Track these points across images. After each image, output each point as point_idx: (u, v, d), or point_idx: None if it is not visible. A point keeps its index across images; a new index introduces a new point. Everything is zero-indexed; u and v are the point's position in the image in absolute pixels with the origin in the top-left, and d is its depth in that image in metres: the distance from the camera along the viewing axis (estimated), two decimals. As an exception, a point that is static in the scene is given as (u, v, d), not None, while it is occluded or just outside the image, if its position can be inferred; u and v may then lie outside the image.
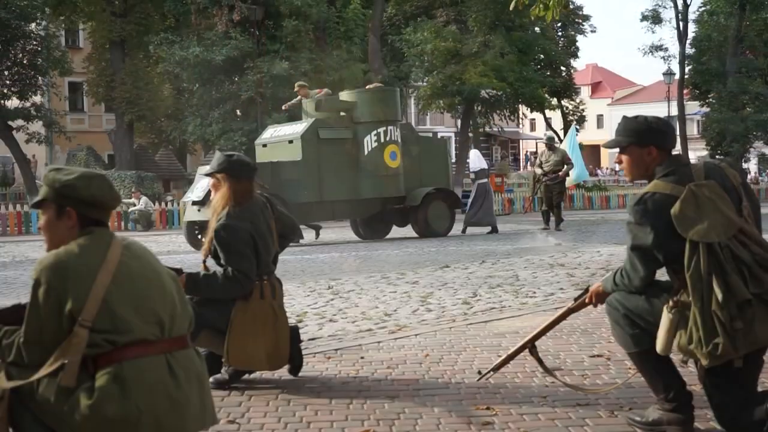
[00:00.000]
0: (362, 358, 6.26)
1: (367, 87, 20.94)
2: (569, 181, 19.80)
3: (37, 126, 38.82)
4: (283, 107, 21.91)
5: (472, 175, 22.03)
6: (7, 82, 37.89)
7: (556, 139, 22.77)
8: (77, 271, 3.32)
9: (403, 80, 41.45)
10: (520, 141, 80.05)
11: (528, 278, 11.02)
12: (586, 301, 4.51)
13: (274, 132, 20.13)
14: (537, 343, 4.88)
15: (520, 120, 58.40)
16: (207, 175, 5.62)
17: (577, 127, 55.08)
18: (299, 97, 20.17)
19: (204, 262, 5.52)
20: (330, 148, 18.66)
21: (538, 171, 20.51)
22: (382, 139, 19.16)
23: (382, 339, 7.02)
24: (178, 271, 4.92)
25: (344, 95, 20.12)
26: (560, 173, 19.87)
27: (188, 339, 3.57)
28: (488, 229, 20.84)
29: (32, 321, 3.32)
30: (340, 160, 18.82)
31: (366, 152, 19.09)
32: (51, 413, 3.27)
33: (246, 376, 5.56)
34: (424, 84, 42.28)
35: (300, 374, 5.70)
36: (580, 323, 7.12)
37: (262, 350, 5.30)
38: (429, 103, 41.45)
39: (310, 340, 7.13)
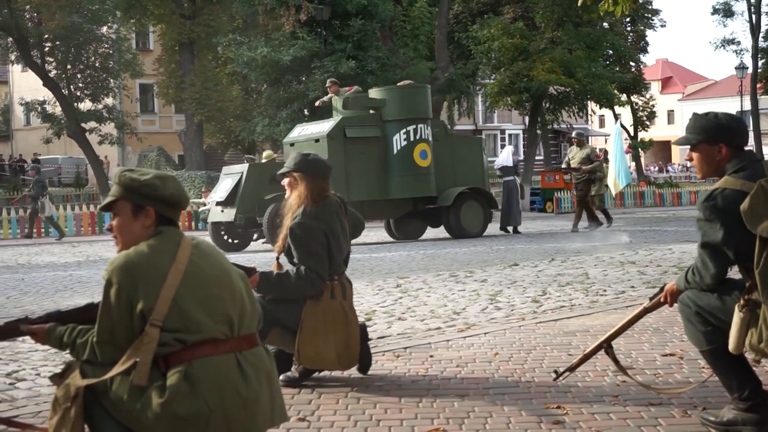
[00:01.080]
0: (431, 356, 6.25)
1: (397, 84, 20.50)
2: (615, 188, 19.46)
3: (109, 128, 39.58)
4: (317, 104, 21.51)
5: (498, 173, 21.72)
6: (80, 84, 38.70)
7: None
8: (147, 271, 3.36)
9: (470, 78, 41.26)
10: (590, 137, 79.24)
11: (598, 276, 10.92)
12: (661, 300, 4.45)
13: (302, 131, 19.81)
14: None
15: (589, 116, 57.75)
16: (282, 173, 5.63)
17: (648, 123, 54.52)
18: (330, 94, 19.79)
19: (277, 259, 5.54)
20: (357, 147, 18.30)
21: (563, 168, 20.43)
22: (412, 138, 18.70)
23: (451, 337, 7.00)
24: (251, 270, 4.95)
25: (374, 92, 19.67)
26: (583, 168, 19.42)
27: (257, 337, 3.60)
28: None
29: (104, 320, 3.38)
30: (367, 159, 18.48)
31: (395, 151, 18.68)
32: (124, 411, 3.31)
33: (316, 374, 5.58)
34: (492, 81, 42.07)
35: (369, 372, 5.70)
36: (652, 321, 7.03)
37: (333, 350, 5.31)
38: (496, 101, 41.23)
39: (379, 338, 7.14)
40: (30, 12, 37.27)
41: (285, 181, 5.61)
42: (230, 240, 18.16)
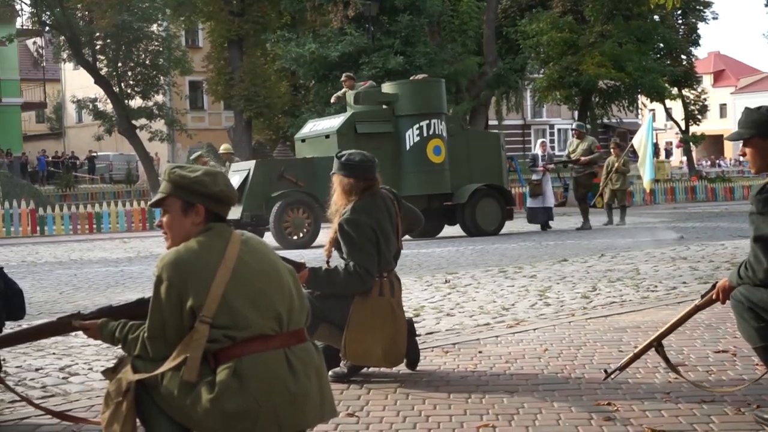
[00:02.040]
0: (480, 352, 6.23)
1: (411, 78, 19.99)
2: (647, 184, 19.16)
3: (159, 124, 39.94)
4: (332, 99, 20.92)
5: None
6: (131, 82, 39.13)
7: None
8: (197, 268, 3.39)
9: (519, 72, 41.10)
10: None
11: (649, 272, 10.80)
12: (713, 297, 4.40)
13: (313, 126, 19.43)
14: (661, 339, 4.78)
15: (640, 110, 57.24)
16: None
17: (699, 117, 53.89)
18: (344, 89, 19.29)
19: (327, 263, 5.53)
20: (368, 143, 17.32)
21: (563, 161, 20.22)
22: (425, 133, 18.24)
23: (500, 333, 6.97)
24: (301, 266, 4.97)
25: (386, 87, 19.17)
26: (581, 159, 19.11)
27: (306, 333, 3.61)
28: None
29: (155, 316, 3.41)
30: (379, 156, 17.70)
31: (408, 147, 18.27)
32: (174, 406, 3.35)
33: (364, 370, 5.59)
34: (540, 76, 41.86)
35: (418, 368, 5.70)
36: (705, 318, 6.94)
37: (379, 347, 5.31)
38: (545, 95, 41.04)
39: (427, 334, 7.12)
40: (81, 11, 37.72)
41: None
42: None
